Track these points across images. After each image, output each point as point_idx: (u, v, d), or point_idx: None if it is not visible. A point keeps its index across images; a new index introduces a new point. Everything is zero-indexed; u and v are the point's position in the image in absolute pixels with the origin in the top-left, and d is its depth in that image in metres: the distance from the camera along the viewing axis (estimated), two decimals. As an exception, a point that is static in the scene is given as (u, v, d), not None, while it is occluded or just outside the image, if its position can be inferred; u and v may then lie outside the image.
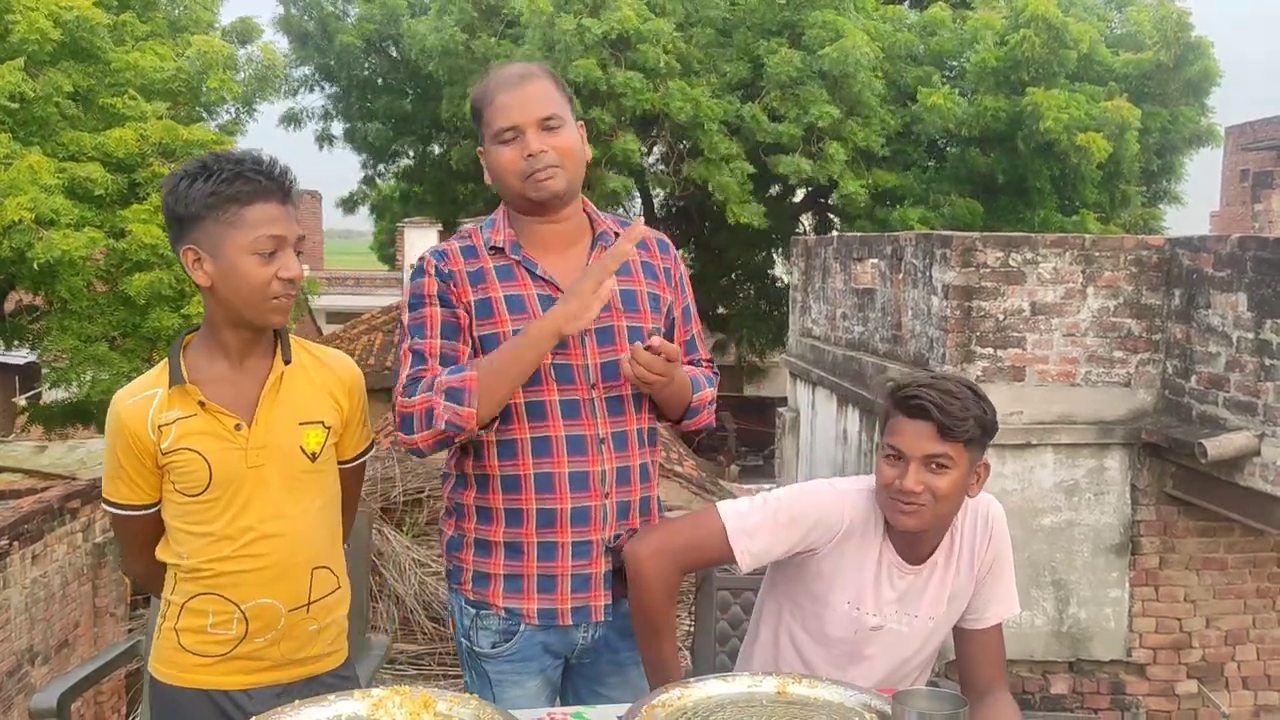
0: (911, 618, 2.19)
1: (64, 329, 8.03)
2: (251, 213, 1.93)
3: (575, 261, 2.24)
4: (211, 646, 2.06)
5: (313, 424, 2.09)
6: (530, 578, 2.24)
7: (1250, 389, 5.84)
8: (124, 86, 8.64)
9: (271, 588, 2.06)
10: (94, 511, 7.47)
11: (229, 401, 2.02)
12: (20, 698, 6.13)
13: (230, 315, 2.00)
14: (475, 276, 2.21)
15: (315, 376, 2.12)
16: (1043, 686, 6.81)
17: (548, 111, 2.16)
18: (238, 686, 2.08)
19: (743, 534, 2.14)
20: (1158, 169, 14.88)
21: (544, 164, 2.15)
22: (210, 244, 1.94)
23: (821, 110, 12.59)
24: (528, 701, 2.27)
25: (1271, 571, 6.92)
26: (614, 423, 2.24)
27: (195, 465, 1.99)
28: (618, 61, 12.52)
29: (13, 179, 7.43)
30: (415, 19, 14.74)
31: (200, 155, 2.05)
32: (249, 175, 1.94)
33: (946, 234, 6.88)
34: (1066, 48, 12.72)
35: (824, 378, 9.10)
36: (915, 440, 2.04)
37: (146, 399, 2.00)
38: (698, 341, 2.45)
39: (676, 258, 2.42)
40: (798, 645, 2.26)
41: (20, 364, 16.65)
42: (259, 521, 2.04)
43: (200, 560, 2.04)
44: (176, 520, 2.05)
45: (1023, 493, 6.72)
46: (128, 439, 2.00)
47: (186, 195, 1.94)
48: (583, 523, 2.22)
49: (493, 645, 2.29)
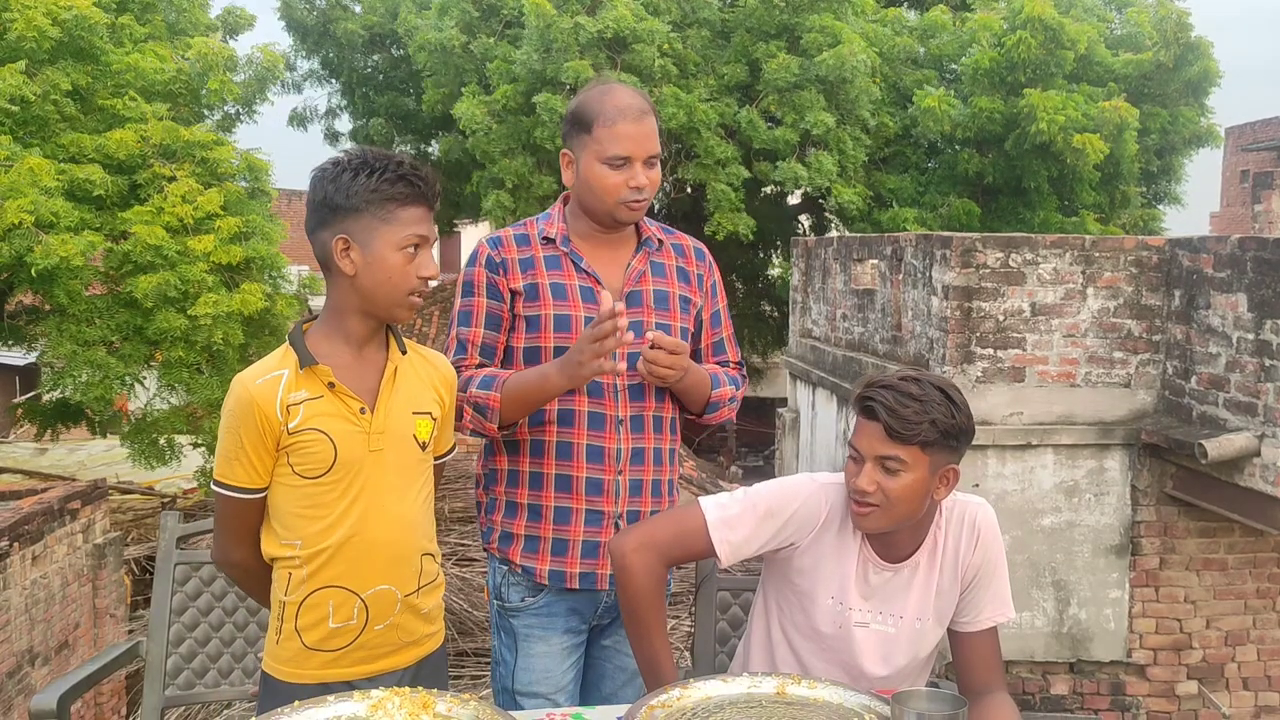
0: (897, 619, 2.20)
1: (61, 332, 8.02)
2: (406, 212, 2.04)
3: (619, 261, 2.50)
4: (335, 639, 2.09)
5: (423, 414, 2.16)
6: (546, 540, 2.47)
7: (1250, 389, 5.85)
8: (124, 88, 8.63)
9: (389, 573, 2.10)
10: (94, 512, 7.47)
11: (353, 386, 2.07)
12: (20, 699, 6.14)
13: (365, 304, 2.07)
14: (526, 263, 2.47)
15: (422, 371, 2.20)
16: (1043, 687, 6.81)
17: (655, 151, 2.42)
18: (360, 676, 2.11)
19: (723, 525, 2.17)
20: (1157, 170, 14.86)
21: (642, 197, 2.42)
22: (364, 235, 2.03)
23: (817, 118, 12.58)
24: (551, 660, 2.49)
25: (1272, 572, 6.92)
26: (634, 407, 2.47)
27: (320, 446, 2.04)
28: (613, 63, 12.51)
29: (12, 181, 7.41)
30: (417, 14, 14.75)
31: (351, 149, 2.14)
32: (411, 179, 2.04)
33: (946, 235, 6.89)
34: (1064, 48, 12.71)
35: (824, 378, 9.11)
36: (869, 441, 2.06)
37: (275, 379, 2.04)
38: (727, 344, 2.67)
39: (711, 265, 2.66)
40: (791, 642, 2.27)
41: (20, 365, 16.65)
42: (377, 506, 2.08)
43: (320, 546, 2.06)
44: (293, 504, 2.07)
45: (1023, 493, 6.72)
46: (255, 417, 2.02)
47: (349, 186, 2.02)
48: (596, 493, 2.45)
49: (521, 599, 2.50)
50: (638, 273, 2.50)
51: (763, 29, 13.32)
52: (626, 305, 2.43)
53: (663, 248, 2.57)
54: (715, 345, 2.65)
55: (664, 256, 2.56)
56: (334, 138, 17.74)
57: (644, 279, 2.51)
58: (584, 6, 12.48)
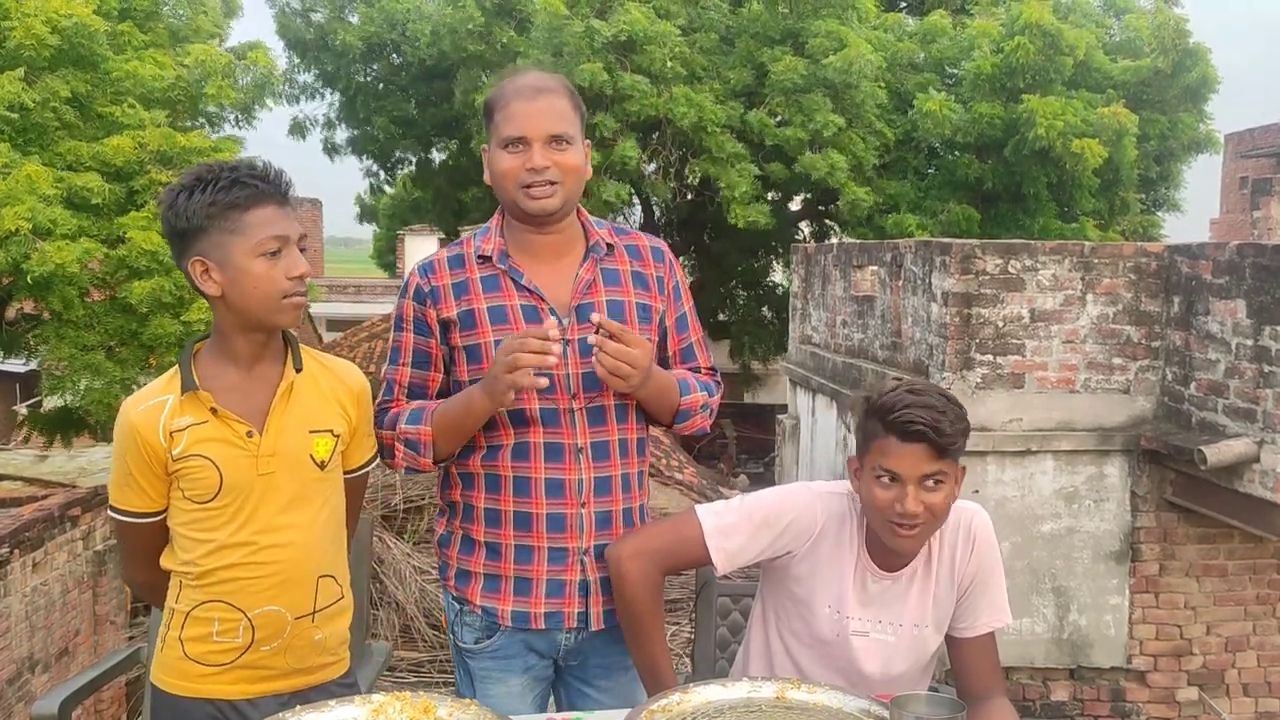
0: (897, 627, 2.19)
1: (60, 338, 8.03)
2: (253, 216, 1.96)
3: (565, 272, 2.27)
4: (217, 655, 2.06)
5: (322, 432, 2.10)
6: (508, 579, 2.28)
7: (1249, 395, 5.85)
8: (123, 95, 8.65)
9: (278, 595, 2.06)
10: (94, 519, 7.46)
11: (240, 409, 2.02)
12: (20, 706, 6.13)
13: (243, 321, 2.01)
14: (459, 288, 2.25)
15: (324, 385, 2.14)
16: (1043, 694, 6.80)
17: (557, 130, 2.18)
18: (242, 695, 2.08)
19: (719, 533, 2.17)
20: (1157, 176, 14.88)
21: (543, 179, 2.18)
22: (217, 253, 1.96)
23: (826, 119, 12.61)
24: (511, 700, 2.30)
25: (1272, 578, 6.92)
26: (594, 433, 2.26)
27: (206, 472, 2.00)
28: (623, 65, 12.53)
29: (10, 189, 7.43)
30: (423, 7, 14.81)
31: (193, 167, 2.07)
32: (245, 181, 1.96)
33: (946, 241, 6.89)
34: (1062, 54, 12.74)
35: (824, 385, 9.11)
36: (913, 463, 2.02)
37: (158, 405, 2.01)
38: (697, 350, 2.44)
39: (673, 265, 2.42)
40: (789, 649, 2.27)
41: (20, 372, 16.65)
42: (267, 529, 2.04)
43: (208, 567, 2.04)
44: (184, 528, 2.05)
45: (1022, 499, 6.72)
46: (139, 445, 2.00)
47: (186, 208, 1.95)
48: (558, 529, 2.25)
49: (475, 641, 2.33)
50: (585, 283, 2.26)
51: (768, 34, 13.36)
52: (576, 319, 2.22)
53: (614, 252, 2.32)
54: (684, 351, 2.42)
55: (616, 261, 2.32)
56: (333, 149, 17.74)
57: (594, 289, 2.27)
58: (594, 10, 12.50)
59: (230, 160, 2.03)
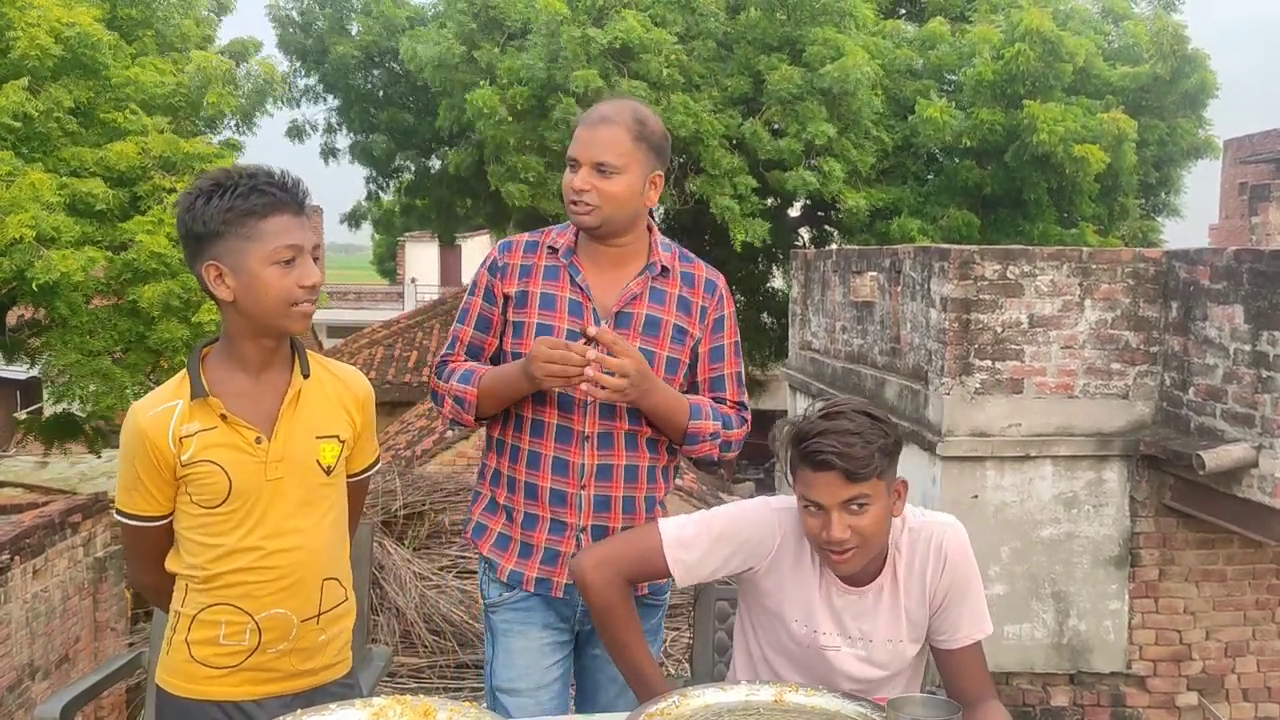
0: (868, 642, 2.19)
1: (65, 344, 8.04)
2: (269, 224, 1.98)
3: (618, 281, 2.48)
4: (223, 658, 2.08)
5: (328, 438, 2.12)
6: (515, 541, 2.53)
7: (1248, 401, 5.86)
8: (125, 101, 8.68)
9: (285, 599, 2.08)
10: (95, 526, 7.47)
11: (249, 415, 2.04)
12: (20, 713, 6.14)
13: (253, 327, 2.03)
14: (525, 270, 2.51)
15: (330, 391, 2.16)
16: (1043, 699, 6.81)
17: (603, 158, 2.38)
18: (247, 697, 2.10)
19: (678, 545, 2.20)
20: (1156, 181, 14.89)
21: (581, 200, 2.40)
22: (232, 259, 1.98)
23: (819, 128, 12.62)
24: (531, 655, 2.50)
25: (1271, 583, 6.93)
26: (603, 424, 2.45)
27: (215, 477, 2.02)
28: (620, 72, 12.53)
29: (14, 196, 7.45)
30: (414, 30, 14.75)
31: (209, 171, 2.08)
32: (264, 189, 1.98)
33: (944, 247, 6.91)
34: (1062, 61, 12.76)
35: (824, 390, 9.12)
36: (828, 490, 2.02)
37: (167, 410, 2.02)
38: (727, 382, 2.57)
39: (723, 299, 2.59)
40: (769, 659, 2.28)
41: (21, 379, 16.67)
42: (275, 534, 2.06)
43: (215, 571, 2.06)
44: (191, 532, 2.07)
45: (1021, 505, 6.73)
46: (148, 450, 2.01)
47: (204, 213, 1.97)
48: (560, 504, 2.48)
49: (499, 595, 2.55)
50: (632, 295, 2.47)
51: (765, 41, 13.37)
52: (615, 325, 2.43)
53: (669, 274, 2.51)
54: (713, 381, 2.56)
55: (668, 284, 2.51)
56: (331, 154, 17.73)
57: (638, 302, 2.47)
58: (591, 17, 12.52)
59: (249, 167, 2.04)
